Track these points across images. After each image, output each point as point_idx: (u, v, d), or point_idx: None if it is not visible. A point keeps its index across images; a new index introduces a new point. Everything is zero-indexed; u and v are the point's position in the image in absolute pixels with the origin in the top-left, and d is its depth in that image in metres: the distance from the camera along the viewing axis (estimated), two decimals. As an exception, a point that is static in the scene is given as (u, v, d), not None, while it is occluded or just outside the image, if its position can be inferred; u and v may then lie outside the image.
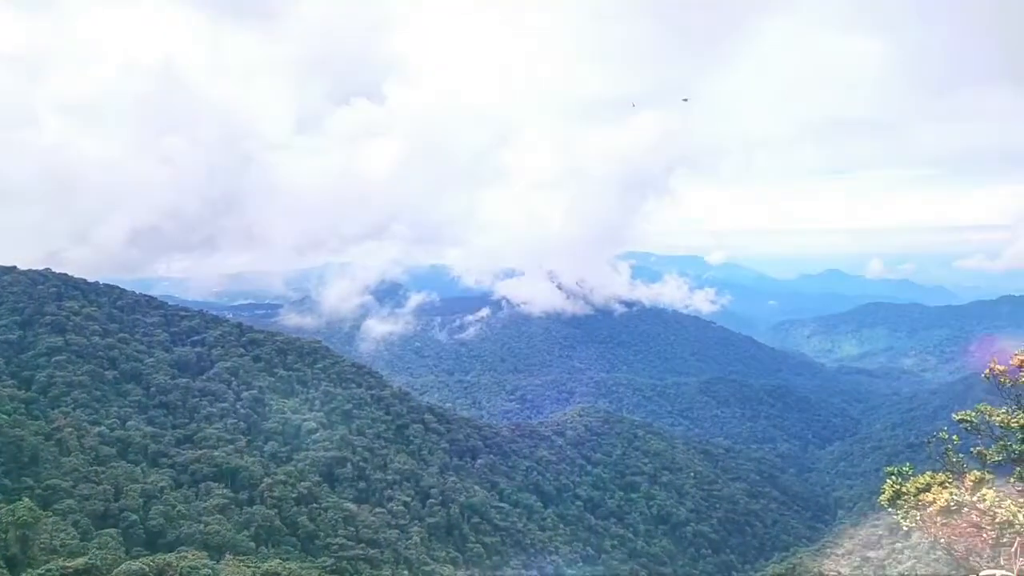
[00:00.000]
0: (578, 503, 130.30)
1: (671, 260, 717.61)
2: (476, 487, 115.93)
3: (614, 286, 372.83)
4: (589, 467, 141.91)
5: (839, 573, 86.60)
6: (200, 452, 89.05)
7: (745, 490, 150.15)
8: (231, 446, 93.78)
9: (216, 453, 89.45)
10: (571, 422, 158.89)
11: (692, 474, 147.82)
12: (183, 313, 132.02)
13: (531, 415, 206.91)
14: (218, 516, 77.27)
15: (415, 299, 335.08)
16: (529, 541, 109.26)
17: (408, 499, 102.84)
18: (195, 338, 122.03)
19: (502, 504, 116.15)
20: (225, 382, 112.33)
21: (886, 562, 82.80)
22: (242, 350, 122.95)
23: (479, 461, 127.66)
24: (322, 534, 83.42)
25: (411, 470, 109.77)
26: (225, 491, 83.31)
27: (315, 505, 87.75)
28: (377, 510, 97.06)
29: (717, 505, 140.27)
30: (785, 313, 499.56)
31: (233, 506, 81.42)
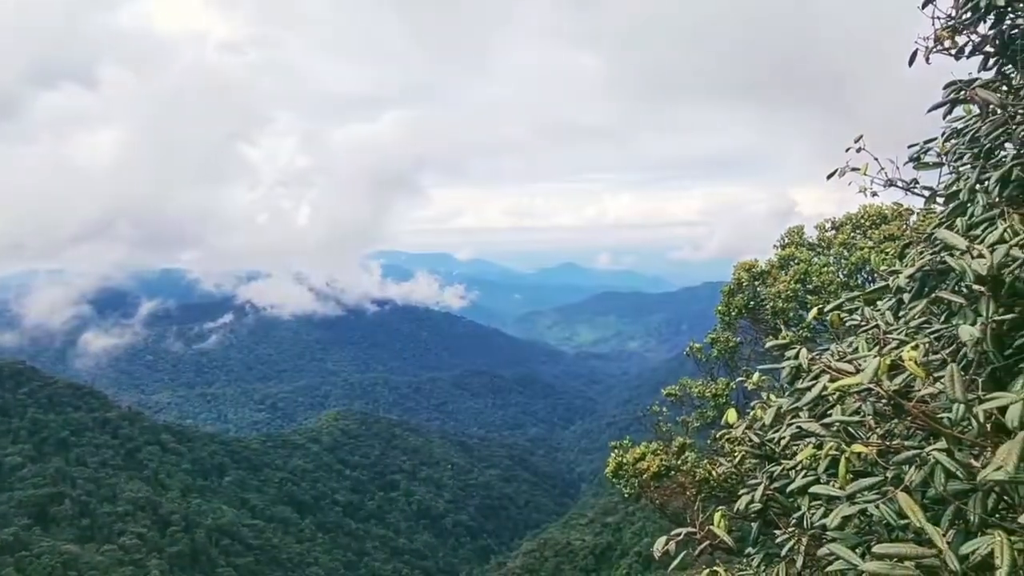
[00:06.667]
0: (337, 509, 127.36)
1: (421, 258, 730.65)
2: (224, 507, 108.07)
3: (366, 285, 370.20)
4: (347, 471, 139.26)
5: (583, 540, 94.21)
6: None
7: (499, 476, 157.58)
8: (-96, 496, 77.32)
9: None
10: (326, 427, 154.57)
11: (449, 466, 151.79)
12: None
13: (283, 424, 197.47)
14: None
15: (146, 307, 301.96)
16: (286, 556, 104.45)
17: (144, 530, 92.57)
18: None
19: (255, 521, 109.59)
20: None
21: (621, 525, 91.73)
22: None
23: (227, 478, 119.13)
24: (35, 585, 72.15)
25: (147, 498, 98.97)
26: None
27: (24, 552, 75.51)
28: (106, 548, 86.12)
29: (473, 493, 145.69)
30: (529, 305, 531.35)
31: (-91, 569, 67.26)
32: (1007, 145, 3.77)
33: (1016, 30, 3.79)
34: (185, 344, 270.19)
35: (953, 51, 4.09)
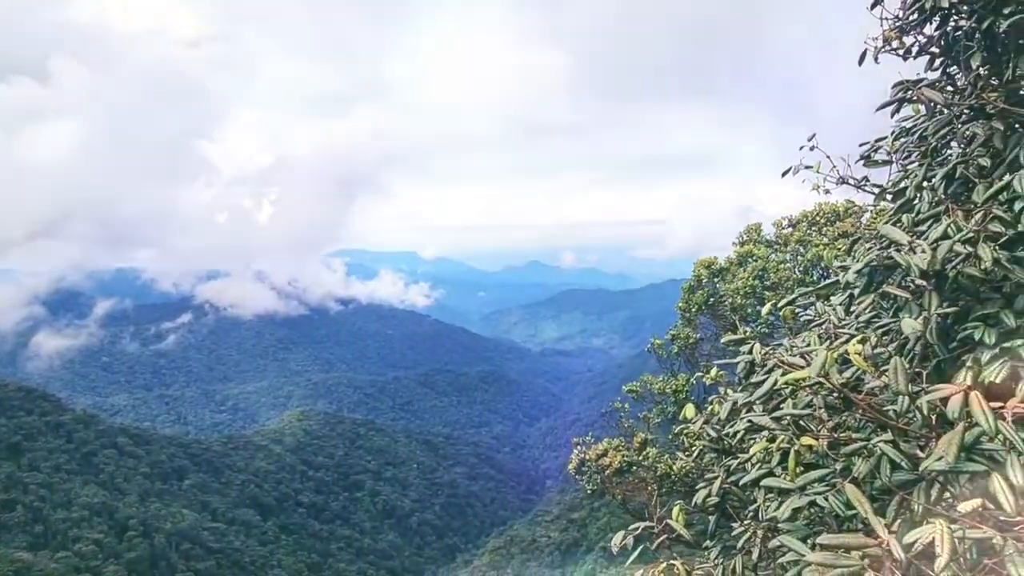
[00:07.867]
0: (301, 510, 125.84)
1: (386, 256, 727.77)
2: (185, 510, 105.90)
3: (329, 284, 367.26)
4: (311, 472, 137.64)
5: (549, 536, 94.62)
6: None
7: (465, 474, 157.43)
8: None
9: None
10: (289, 428, 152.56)
11: (415, 465, 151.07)
12: None
13: (245, 425, 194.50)
14: None
15: (101, 307, 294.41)
16: (248, 559, 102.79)
17: (100, 536, 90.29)
18: None
19: (216, 524, 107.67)
20: None
21: (587, 521, 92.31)
22: None
23: (187, 481, 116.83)
24: (-14, 595, 69.92)
25: (103, 503, 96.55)
26: None
27: (-26, 562, 73.14)
28: (60, 555, 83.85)
29: (439, 492, 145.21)
30: (494, 303, 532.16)
31: None
32: (952, 144, 3.88)
33: (960, 32, 3.90)
34: (142, 345, 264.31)
35: (901, 51, 4.19)
